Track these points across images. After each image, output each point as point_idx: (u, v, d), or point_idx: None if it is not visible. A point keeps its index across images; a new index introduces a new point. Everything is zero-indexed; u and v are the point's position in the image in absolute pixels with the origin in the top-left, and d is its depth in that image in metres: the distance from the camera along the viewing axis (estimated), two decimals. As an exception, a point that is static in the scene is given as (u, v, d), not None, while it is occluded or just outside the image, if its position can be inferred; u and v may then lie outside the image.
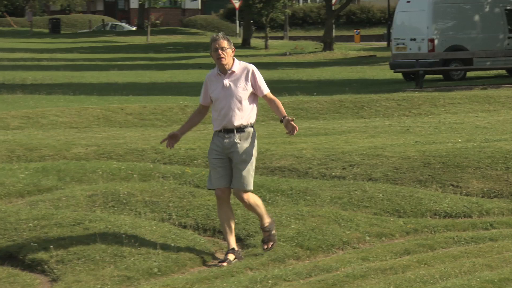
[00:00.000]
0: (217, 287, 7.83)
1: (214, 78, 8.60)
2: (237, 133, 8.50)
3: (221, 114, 8.51)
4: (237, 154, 8.48)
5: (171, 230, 9.46)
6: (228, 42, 8.50)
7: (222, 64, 8.49)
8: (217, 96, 8.53)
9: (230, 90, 8.49)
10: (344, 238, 9.49)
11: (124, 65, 40.94)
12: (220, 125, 8.55)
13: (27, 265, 8.60)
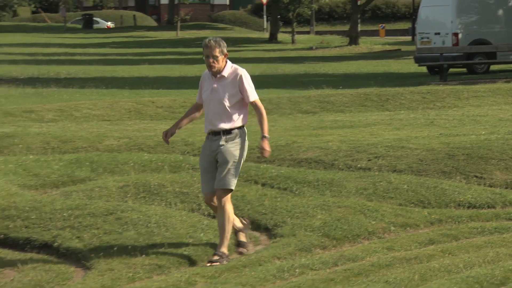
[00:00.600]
0: (246, 276, 7.83)
1: (208, 79, 8.47)
2: (223, 136, 8.35)
3: (210, 116, 8.40)
4: (221, 154, 8.32)
5: (201, 220, 9.48)
6: (220, 49, 8.31)
7: (212, 71, 8.37)
8: (206, 98, 8.43)
9: (218, 93, 8.33)
10: (370, 228, 9.47)
11: (155, 60, 41.02)
12: (208, 128, 8.44)
13: (62, 253, 8.65)
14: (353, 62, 39.91)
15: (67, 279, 7.94)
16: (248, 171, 11.50)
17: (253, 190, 10.59)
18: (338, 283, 7.64)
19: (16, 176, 11.30)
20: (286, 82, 28.10)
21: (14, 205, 9.59)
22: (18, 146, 13.85)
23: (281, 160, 12.60)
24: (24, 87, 26.17)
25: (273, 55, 45.34)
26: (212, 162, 8.38)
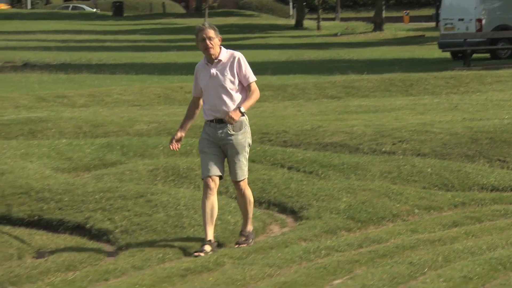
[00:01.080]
0: (272, 257, 7.84)
1: (202, 68, 8.13)
2: (229, 124, 8.02)
3: (211, 104, 8.05)
4: (231, 146, 8.04)
5: (228, 203, 9.49)
6: (215, 31, 8.02)
7: (210, 54, 8.01)
8: (205, 86, 8.07)
9: (218, 79, 8.01)
10: (394, 211, 9.45)
11: (183, 46, 41.03)
12: (211, 115, 8.07)
13: (94, 234, 8.70)
14: (378, 48, 39.76)
15: (99, 259, 7.99)
16: (275, 155, 11.50)
17: (280, 174, 10.60)
18: (363, 264, 7.63)
19: (50, 160, 11.37)
20: (312, 68, 28.05)
21: (48, 187, 9.65)
22: (51, 130, 13.94)
23: (307, 144, 12.59)
24: (57, 73, 26.30)
25: (299, 41, 45.24)
26: (215, 147, 8.07)
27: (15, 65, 29.50)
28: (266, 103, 18.87)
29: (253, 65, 26.74)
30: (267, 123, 13.88)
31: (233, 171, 8.11)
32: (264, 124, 13.80)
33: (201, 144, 8.16)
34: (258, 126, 13.57)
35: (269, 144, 12.60)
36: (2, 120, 14.73)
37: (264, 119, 14.59)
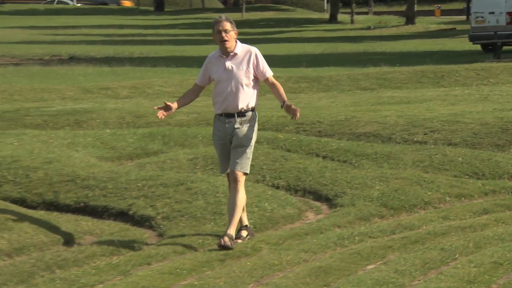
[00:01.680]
0: (308, 243, 7.84)
1: (216, 60, 7.78)
2: (238, 118, 7.69)
3: (222, 97, 7.69)
4: (236, 137, 7.70)
5: (265, 190, 9.50)
6: (231, 24, 7.68)
7: (225, 47, 7.66)
8: (218, 78, 7.70)
9: (232, 72, 7.66)
10: (426, 198, 9.41)
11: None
12: (221, 108, 7.73)
13: (137, 221, 8.74)
14: (410, 41, 39.52)
15: (142, 244, 8.03)
16: (310, 145, 11.49)
17: (314, 163, 10.58)
18: (395, 250, 7.62)
19: (95, 149, 11.44)
20: (346, 60, 27.95)
21: (93, 175, 9.71)
22: (96, 120, 14.03)
23: (341, 134, 12.57)
24: (101, 66, 26.45)
25: (333, 35, 45.08)
26: (226, 144, 7.76)
27: (61, 58, 29.73)
28: (302, 94, 18.85)
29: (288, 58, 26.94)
30: (302, 114, 13.79)
31: (234, 161, 7.69)
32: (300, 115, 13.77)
33: (214, 140, 7.91)
34: (294, 117, 13.57)
35: (304, 134, 12.59)
36: (49, 111, 14.86)
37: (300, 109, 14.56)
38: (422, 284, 6.61)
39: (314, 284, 6.62)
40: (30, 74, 23.14)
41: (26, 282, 6.79)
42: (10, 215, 8.28)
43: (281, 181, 10.01)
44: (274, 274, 6.93)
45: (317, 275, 6.83)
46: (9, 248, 7.71)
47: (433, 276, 6.82)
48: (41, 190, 9.47)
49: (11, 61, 28.78)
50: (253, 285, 6.66)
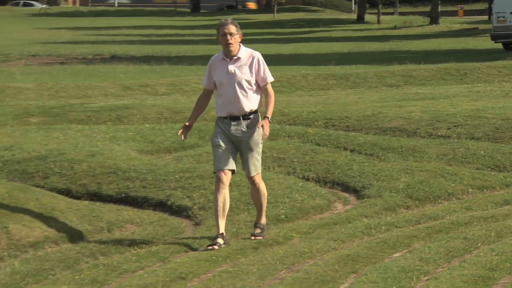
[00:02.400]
0: (337, 232, 7.83)
1: (218, 63, 7.40)
2: (243, 121, 7.34)
3: (226, 101, 7.34)
4: (245, 143, 7.36)
5: (296, 182, 9.49)
6: (237, 28, 7.35)
7: (230, 50, 7.30)
8: (221, 81, 7.34)
9: (235, 76, 7.30)
10: (449, 190, 9.36)
11: (254, 39, 41.03)
12: (225, 112, 7.36)
13: (175, 211, 8.78)
14: (434, 40, 39.25)
15: (179, 233, 8.06)
16: (338, 139, 11.46)
17: (343, 156, 10.56)
18: (420, 239, 7.58)
19: (135, 143, 11.49)
20: (372, 58, 27.83)
21: (133, 168, 9.75)
22: (136, 116, 14.09)
23: (368, 129, 12.52)
24: (141, 64, 26.54)
25: (360, 34, 44.89)
26: (229, 142, 7.38)
27: (104, 57, 29.87)
28: (330, 91, 18.80)
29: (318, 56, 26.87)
30: (331, 110, 13.83)
31: (247, 167, 7.43)
32: (328, 110, 13.76)
33: (215, 138, 7.44)
34: (322, 112, 13.54)
35: (333, 129, 12.56)
36: (93, 107, 14.94)
37: (328, 106, 14.55)
38: (446, 271, 6.58)
39: (343, 271, 6.61)
40: (75, 72, 23.28)
41: (71, 267, 6.84)
42: (56, 205, 8.34)
43: (311, 173, 10.00)
44: (304, 261, 6.93)
45: (346, 262, 6.82)
46: (55, 236, 7.77)
47: (456, 263, 6.79)
48: (85, 181, 9.53)
49: (57, 60, 28.98)
50: (284, 271, 6.66)
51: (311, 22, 56.32)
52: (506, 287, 6.27)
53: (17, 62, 28.00)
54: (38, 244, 7.57)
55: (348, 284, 6.31)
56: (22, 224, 7.73)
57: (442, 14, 54.34)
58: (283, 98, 16.92)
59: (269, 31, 49.70)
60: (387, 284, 6.23)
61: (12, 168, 9.94)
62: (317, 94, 17.94)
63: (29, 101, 16.13)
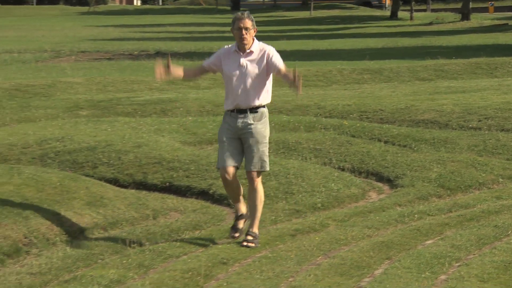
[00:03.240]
0: (371, 220, 7.80)
1: (231, 55, 7.00)
2: (250, 114, 6.91)
3: (235, 93, 6.93)
4: (250, 135, 6.90)
5: (332, 172, 9.47)
6: (252, 23, 7.00)
7: (243, 43, 6.94)
8: (232, 74, 6.93)
9: (247, 69, 6.91)
10: (480, 180, 9.27)
11: (292, 36, 40.99)
12: (233, 104, 6.94)
13: (216, 199, 8.79)
14: (465, 35, 38.86)
15: (221, 220, 8.08)
16: (372, 131, 11.41)
17: (377, 147, 10.51)
18: (452, 226, 7.53)
19: (178, 134, 11.54)
20: (405, 53, 27.63)
21: (177, 158, 9.79)
22: (179, 109, 14.14)
23: (401, 121, 12.45)
24: (184, 60, 26.60)
25: (393, 30, 44.59)
26: (235, 138, 6.95)
27: (149, 53, 30.01)
28: (365, 85, 18.70)
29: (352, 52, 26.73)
30: (365, 103, 13.76)
31: (251, 161, 6.91)
32: (363, 103, 13.69)
33: (221, 134, 7.01)
34: (357, 105, 13.47)
35: (367, 121, 12.50)
36: (138, 100, 15.02)
37: (362, 99, 14.48)
38: (477, 257, 6.52)
39: (377, 257, 6.58)
40: (122, 68, 23.42)
41: (119, 253, 6.89)
42: (105, 193, 8.40)
43: (346, 164, 9.97)
44: (340, 248, 6.92)
45: (380, 249, 6.79)
46: (104, 223, 7.83)
47: (487, 250, 6.73)
48: (131, 171, 9.59)
49: (105, 56, 29.17)
50: (321, 257, 6.66)
51: (346, 19, 56.06)
52: (535, 273, 6.20)
53: (67, 58, 28.24)
54: (88, 230, 7.63)
55: (382, 269, 6.29)
56: (73, 211, 7.80)
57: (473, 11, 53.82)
58: (319, 91, 16.86)
59: (306, 27, 49.57)
60: (420, 269, 6.19)
61: (64, 159, 10.04)
62: (352, 88, 17.86)
63: (79, 95, 16.27)
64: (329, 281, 5.98)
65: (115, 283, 5.96)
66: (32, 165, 9.74)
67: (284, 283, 6.01)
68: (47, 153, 10.23)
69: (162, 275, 6.16)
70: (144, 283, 5.98)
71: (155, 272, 6.29)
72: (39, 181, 8.29)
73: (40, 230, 7.27)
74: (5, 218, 7.23)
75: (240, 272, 6.27)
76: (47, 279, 6.14)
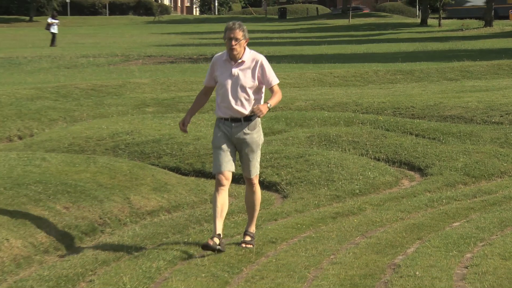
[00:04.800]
0: (404, 204, 7.73)
1: (223, 63, 6.22)
2: (244, 122, 6.17)
3: (227, 102, 6.15)
4: (246, 145, 6.20)
5: (368, 162, 9.41)
6: (243, 33, 6.18)
7: (234, 54, 6.15)
8: (223, 82, 6.16)
9: (238, 79, 6.13)
10: (502, 169, 9.13)
11: (332, 41, 40.76)
12: (226, 113, 6.19)
13: (266, 185, 8.80)
14: (488, 40, 38.24)
15: (270, 204, 8.09)
16: (404, 125, 11.29)
17: (408, 140, 10.41)
18: (476, 210, 7.43)
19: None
20: (434, 56, 27.29)
21: (231, 149, 9.79)
22: (233, 106, 14.14)
23: (430, 117, 12.30)
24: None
25: (423, 36, 44.06)
26: (230, 145, 6.21)
27: (206, 57, 30.10)
28: (398, 84, 18.52)
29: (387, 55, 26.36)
30: (398, 100, 13.63)
31: (248, 169, 6.28)
32: (396, 101, 13.56)
33: (216, 140, 6.24)
34: (391, 103, 13.34)
35: (400, 117, 12.38)
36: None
37: (396, 97, 14.33)
38: (499, 238, 6.43)
39: (409, 238, 6.52)
40: (183, 70, 23.54)
41: (181, 232, 6.93)
42: (168, 180, 8.46)
43: (381, 155, 9.89)
44: (376, 229, 6.87)
45: (412, 230, 6.73)
46: (168, 206, 7.89)
47: (508, 232, 6.63)
48: (191, 160, 9.64)
49: (168, 59, 29.35)
50: (359, 237, 6.62)
51: (381, 26, 55.54)
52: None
53: (135, 61, 28.48)
54: (154, 212, 7.70)
55: (414, 248, 6.23)
56: (141, 195, 7.88)
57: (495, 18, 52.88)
58: (357, 90, 16.75)
59: (345, 33, 49.24)
60: (448, 248, 6.12)
61: (132, 150, 10.14)
62: (386, 87, 17.70)
63: (145, 94, 16.40)
64: (366, 259, 5.95)
65: (177, 259, 6.01)
66: (106, 155, 9.86)
67: (326, 260, 5.99)
68: (118, 144, 10.34)
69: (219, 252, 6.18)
70: (204, 259, 6.01)
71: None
72: (112, 169, 8.38)
73: (113, 212, 7.36)
74: (83, 201, 7.33)
75: (287, 250, 6.27)
76: (119, 255, 6.21)
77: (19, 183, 7.40)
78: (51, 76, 20.92)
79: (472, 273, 5.50)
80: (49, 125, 12.90)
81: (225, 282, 5.52)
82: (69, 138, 10.93)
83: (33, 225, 6.60)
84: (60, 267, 5.90)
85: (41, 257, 6.26)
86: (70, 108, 14.14)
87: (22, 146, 10.94)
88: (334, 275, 5.55)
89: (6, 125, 12.58)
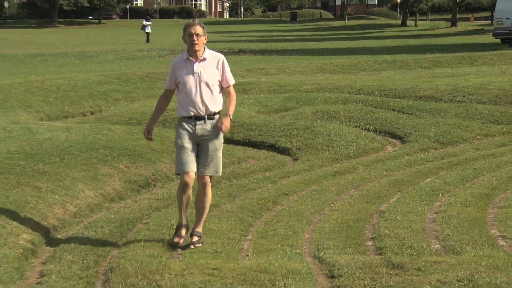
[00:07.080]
0: (388, 165, 7.68)
1: (183, 63, 4.97)
2: (208, 120, 4.91)
3: (190, 100, 4.91)
4: (210, 142, 4.92)
5: (360, 132, 9.33)
6: (203, 30, 4.97)
7: (195, 50, 4.91)
8: (185, 81, 4.91)
9: (200, 76, 4.90)
10: (464, 137, 9.04)
11: (332, 38, 40.31)
12: (189, 111, 4.91)
13: (280, 150, 8.77)
14: (453, 37, 37.64)
15: (283, 165, 8.06)
16: (389, 103, 11.17)
17: (392, 115, 10.30)
18: (444, 169, 7.36)
19: (255, 106, 11.50)
20: (412, 49, 26.91)
21: (253, 122, 9.78)
22: (255, 89, 14.07)
23: (409, 97, 12.16)
24: (257, 55, 26.47)
25: (403, 34, 43.44)
26: (193, 144, 4.93)
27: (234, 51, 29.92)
28: (383, 72, 18.31)
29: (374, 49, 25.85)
30: (384, 84, 13.47)
31: (208, 166, 4.92)
32: (382, 84, 13.40)
33: (180, 140, 4.94)
34: (378, 86, 13.18)
35: (385, 97, 12.23)
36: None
37: (382, 82, 14.17)
38: (461, 190, 6.37)
39: (392, 190, 6.48)
40: (216, 61, 23.38)
41: (215, 186, 6.93)
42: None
43: (370, 126, 9.80)
44: (366, 184, 6.83)
45: (394, 184, 6.68)
46: (205, 165, 7.87)
47: (468, 185, 6.57)
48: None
49: (204, 53, 29.15)
50: (353, 190, 6.58)
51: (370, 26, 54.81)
52: (501, 200, 6.03)
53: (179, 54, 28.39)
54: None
55: (395, 198, 6.19)
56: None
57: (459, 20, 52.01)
58: (351, 76, 16.57)
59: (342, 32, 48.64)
60: (421, 198, 6.08)
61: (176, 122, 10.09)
62: (374, 74, 17.50)
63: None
64: (359, 207, 5.92)
65: (212, 207, 6.01)
66: (157, 127, 9.87)
67: (327, 208, 5.97)
68: (166, 119, 10.34)
69: (244, 202, 6.19)
70: (233, 207, 6.02)
71: (239, 199, 6.32)
72: (162, 137, 8.38)
73: (163, 170, 7.37)
74: (140, 162, 7.35)
75: (297, 200, 6.25)
76: (168, 203, 6.23)
77: (91, 148, 7.43)
78: (115, 66, 20.93)
79: (440, 217, 5.47)
80: (114, 103, 12.94)
81: (249, 224, 5.53)
82: (128, 113, 10.95)
83: (102, 180, 6.64)
84: (123, 212, 5.94)
85: (108, 204, 6.30)
86: (130, 90, 14.15)
87: (93, 120, 10.98)
88: (333, 219, 5.54)
89: (81, 103, 12.67)
